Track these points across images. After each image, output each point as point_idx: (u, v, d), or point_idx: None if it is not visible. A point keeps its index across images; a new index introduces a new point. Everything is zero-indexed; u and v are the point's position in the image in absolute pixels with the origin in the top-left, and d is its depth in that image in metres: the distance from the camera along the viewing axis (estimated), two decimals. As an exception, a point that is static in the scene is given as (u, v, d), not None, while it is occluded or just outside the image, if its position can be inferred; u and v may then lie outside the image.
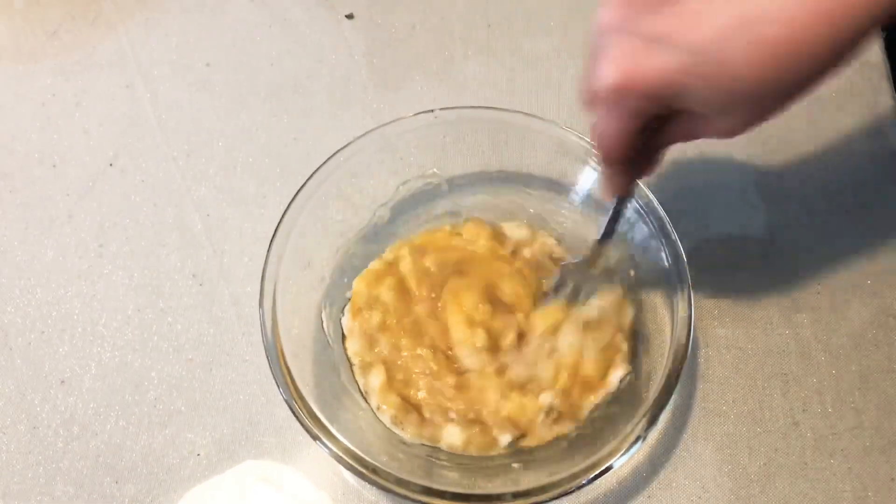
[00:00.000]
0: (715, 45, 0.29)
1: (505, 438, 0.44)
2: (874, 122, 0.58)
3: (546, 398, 0.44)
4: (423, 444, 0.45)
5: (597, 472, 0.40)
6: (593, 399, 0.45)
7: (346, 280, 0.50)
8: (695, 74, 0.30)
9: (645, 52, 0.30)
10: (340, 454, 0.40)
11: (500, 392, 0.45)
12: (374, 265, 0.50)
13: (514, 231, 0.52)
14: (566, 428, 0.45)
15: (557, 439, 0.45)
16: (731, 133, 0.34)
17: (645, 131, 0.35)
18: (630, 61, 0.31)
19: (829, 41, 0.29)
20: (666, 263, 0.45)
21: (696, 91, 0.31)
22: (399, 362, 0.47)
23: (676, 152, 0.56)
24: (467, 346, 0.46)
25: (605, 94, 0.32)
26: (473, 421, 0.45)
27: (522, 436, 0.45)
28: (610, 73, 0.31)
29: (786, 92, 0.31)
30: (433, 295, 0.48)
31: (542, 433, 0.45)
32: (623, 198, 0.42)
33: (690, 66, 0.30)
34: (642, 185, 0.47)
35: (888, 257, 0.53)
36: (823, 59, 0.30)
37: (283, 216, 0.46)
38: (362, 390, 0.47)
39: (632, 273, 0.48)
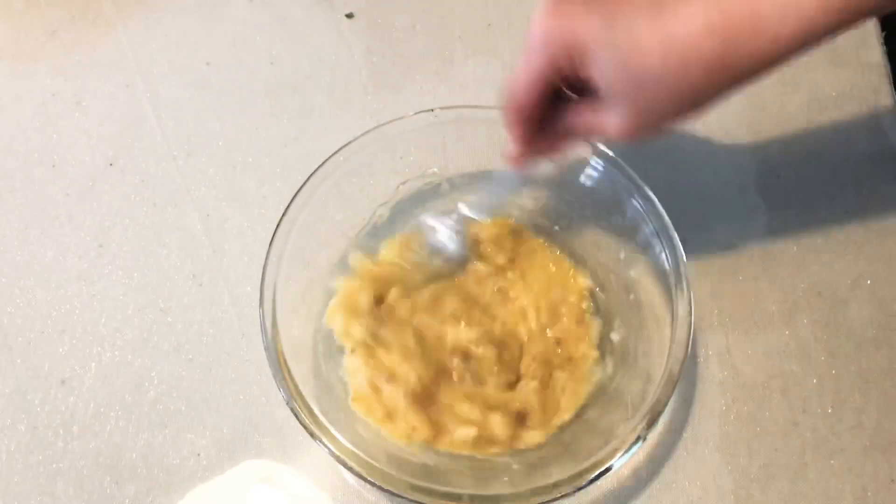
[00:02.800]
0: (630, 22, 0.33)
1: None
2: (874, 122, 0.58)
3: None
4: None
5: (597, 472, 0.40)
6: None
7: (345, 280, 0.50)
8: (605, 42, 0.34)
9: (575, 12, 0.35)
10: (340, 454, 0.40)
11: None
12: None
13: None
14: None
15: (557, 438, 0.45)
16: (622, 130, 0.37)
17: (549, 96, 0.38)
18: (561, 14, 0.35)
19: (712, 58, 0.33)
20: (666, 264, 0.45)
21: (600, 59, 0.34)
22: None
23: (676, 152, 0.56)
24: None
25: (532, 36, 0.36)
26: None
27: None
28: (542, 19, 0.36)
29: (669, 91, 0.34)
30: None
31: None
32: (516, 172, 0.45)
33: (604, 33, 0.34)
34: (644, 185, 0.47)
35: (888, 257, 0.53)
36: (704, 73, 0.33)
37: (282, 216, 0.46)
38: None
39: (631, 273, 0.48)
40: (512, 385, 0.47)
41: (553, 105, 0.40)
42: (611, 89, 0.36)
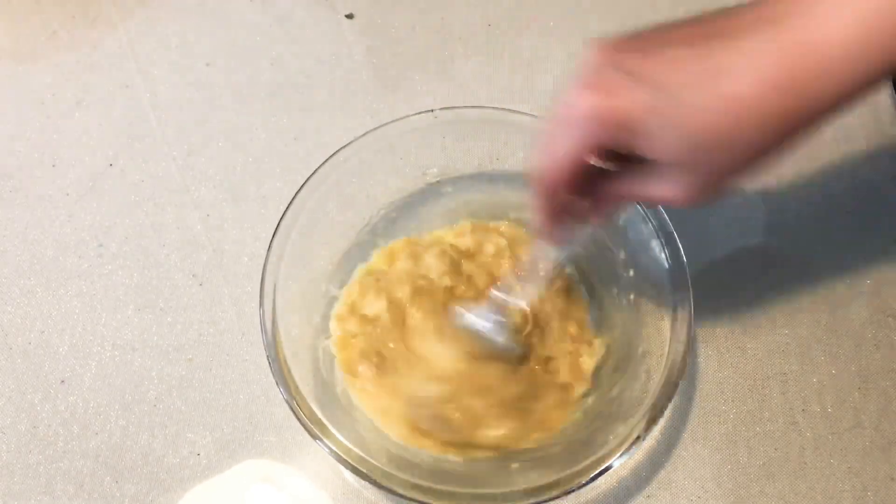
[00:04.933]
0: (684, 88, 0.30)
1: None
2: (874, 122, 0.58)
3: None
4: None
5: (597, 471, 0.40)
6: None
7: (345, 280, 0.50)
8: (659, 113, 0.31)
9: (620, 86, 0.31)
10: (340, 454, 0.40)
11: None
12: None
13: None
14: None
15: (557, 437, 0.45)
16: (675, 198, 0.34)
17: (588, 172, 0.35)
18: (605, 90, 0.32)
19: (782, 111, 0.30)
20: (666, 263, 0.45)
21: (656, 130, 0.31)
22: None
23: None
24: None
25: (573, 114, 0.33)
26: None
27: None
28: (585, 97, 0.32)
29: (740, 152, 0.32)
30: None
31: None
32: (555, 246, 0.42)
33: (657, 105, 0.31)
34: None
35: (888, 258, 0.53)
36: (776, 128, 0.31)
37: (283, 216, 0.46)
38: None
39: (631, 273, 0.48)
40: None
41: (588, 177, 0.36)
42: (668, 159, 0.33)
